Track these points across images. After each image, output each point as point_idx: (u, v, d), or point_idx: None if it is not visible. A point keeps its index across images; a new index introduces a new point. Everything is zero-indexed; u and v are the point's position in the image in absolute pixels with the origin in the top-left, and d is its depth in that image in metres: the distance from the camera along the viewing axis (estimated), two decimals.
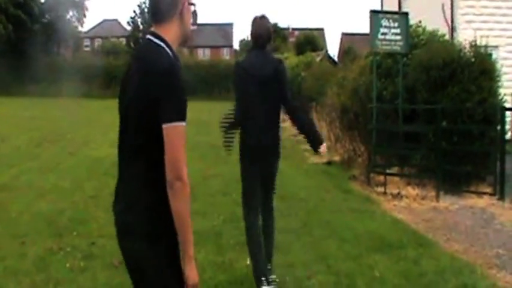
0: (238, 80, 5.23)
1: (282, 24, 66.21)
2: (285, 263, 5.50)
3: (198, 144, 13.18)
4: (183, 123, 2.39)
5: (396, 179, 9.71)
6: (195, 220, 6.89)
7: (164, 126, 2.35)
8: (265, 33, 5.06)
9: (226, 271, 5.32)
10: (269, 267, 5.07)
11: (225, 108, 9.72)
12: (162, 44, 2.52)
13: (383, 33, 9.90)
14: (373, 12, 10.00)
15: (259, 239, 5.02)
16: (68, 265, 5.36)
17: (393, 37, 9.96)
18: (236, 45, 65.85)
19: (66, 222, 6.87)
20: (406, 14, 10.42)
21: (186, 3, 2.60)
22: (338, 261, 5.57)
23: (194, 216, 7.06)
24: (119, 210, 2.53)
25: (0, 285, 4.86)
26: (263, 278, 4.90)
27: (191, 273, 2.43)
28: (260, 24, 5.07)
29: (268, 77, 4.98)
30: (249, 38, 5.67)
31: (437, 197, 8.63)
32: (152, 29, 2.59)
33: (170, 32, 2.56)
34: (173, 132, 2.36)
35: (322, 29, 67.53)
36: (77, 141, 14.23)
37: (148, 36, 2.56)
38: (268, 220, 5.21)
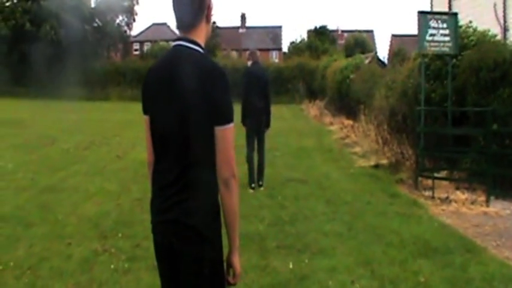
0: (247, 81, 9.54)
1: (331, 26, 65.98)
2: (329, 267, 5.45)
3: (244, 147, 13.18)
4: (233, 124, 2.51)
5: (445, 183, 9.51)
6: (239, 223, 6.93)
7: (221, 128, 2.46)
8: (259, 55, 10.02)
9: (269, 274, 5.31)
10: (260, 182, 9.44)
11: (275, 111, 9.89)
12: (200, 50, 2.57)
13: (431, 35, 9.72)
14: (421, 13, 9.84)
15: (252, 162, 9.42)
16: (112, 266, 5.43)
17: (442, 38, 9.77)
18: (285, 48, 65.75)
19: (112, 224, 6.98)
20: (455, 14, 10.20)
21: (211, 5, 2.65)
22: (382, 266, 5.49)
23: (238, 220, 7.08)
24: (176, 215, 2.51)
25: (46, 285, 4.97)
26: (253, 184, 9.31)
27: (238, 264, 2.62)
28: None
29: (265, 80, 9.57)
30: (298, 41, 14.05)
31: (487, 202, 8.42)
32: (181, 35, 2.62)
33: (200, 36, 2.62)
34: (228, 133, 2.48)
35: (371, 31, 66.88)
36: (125, 144, 14.39)
37: (182, 42, 2.59)
38: (261, 156, 9.59)
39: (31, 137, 15.86)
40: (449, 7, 17.78)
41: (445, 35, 9.81)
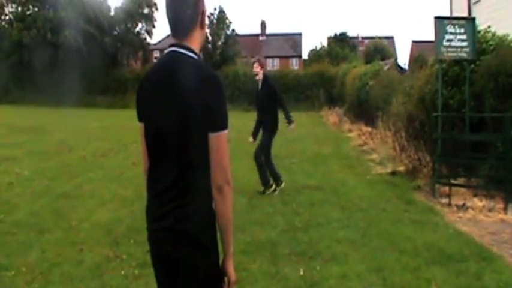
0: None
1: (352, 33, 65.84)
2: (340, 274, 5.39)
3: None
4: (227, 131, 2.48)
5: (463, 190, 9.36)
6: (252, 230, 6.96)
7: (215, 134, 2.43)
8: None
9: (280, 282, 5.27)
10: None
11: (294, 118, 9.82)
12: (195, 56, 2.55)
13: (448, 40, 9.61)
14: (438, 19, 9.73)
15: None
16: (122, 272, 5.45)
17: (459, 43, 9.64)
18: (305, 55, 65.67)
19: (124, 230, 6.98)
20: (473, 19, 10.08)
21: (205, 11, 2.63)
22: (395, 274, 5.41)
23: (251, 226, 7.11)
24: (171, 222, 2.48)
25: None
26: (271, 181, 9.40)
27: (232, 271, 2.59)
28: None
29: None
30: (318, 48, 22.23)
31: (505, 209, 8.27)
32: (175, 41, 2.59)
33: (195, 42, 2.60)
34: (223, 139, 2.45)
35: (392, 37, 66.58)
36: (141, 151, 14.37)
37: (176, 49, 2.56)
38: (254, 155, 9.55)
39: (49, 144, 16.01)
40: (469, 12, 17.60)
41: (462, 40, 9.69)
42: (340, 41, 58.91)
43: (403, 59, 76.55)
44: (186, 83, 2.44)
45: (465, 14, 17.34)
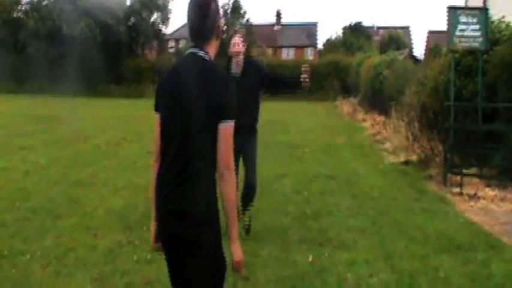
0: None
1: (367, 22, 65.46)
2: (348, 261, 5.48)
3: (274, 143, 13.26)
4: (233, 122, 2.76)
5: (475, 180, 9.36)
6: (263, 217, 7.03)
7: (224, 125, 2.70)
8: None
9: (289, 267, 5.36)
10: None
11: (309, 108, 9.76)
12: (210, 60, 2.84)
13: (461, 30, 9.61)
14: (451, 8, 9.72)
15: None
16: (135, 257, 5.56)
17: (472, 33, 9.64)
18: (320, 45, 65.32)
19: (138, 217, 7.07)
20: (486, 9, 10.06)
21: (220, 26, 2.95)
22: (403, 261, 5.49)
23: (263, 214, 7.18)
24: (175, 206, 2.70)
25: (70, 274, 5.12)
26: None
27: (237, 250, 2.75)
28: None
29: None
30: (333, 38, 8.99)
31: None
32: (194, 44, 2.86)
33: (212, 49, 2.89)
34: (229, 129, 2.72)
35: (407, 27, 66.07)
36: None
37: (195, 51, 2.83)
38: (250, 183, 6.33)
39: (64, 133, 16.12)
40: (484, 2, 17.46)
41: (475, 30, 9.68)
42: (356, 30, 58.53)
43: (419, 49, 76.06)
44: (200, 83, 2.72)
45: (480, 4, 17.21)
